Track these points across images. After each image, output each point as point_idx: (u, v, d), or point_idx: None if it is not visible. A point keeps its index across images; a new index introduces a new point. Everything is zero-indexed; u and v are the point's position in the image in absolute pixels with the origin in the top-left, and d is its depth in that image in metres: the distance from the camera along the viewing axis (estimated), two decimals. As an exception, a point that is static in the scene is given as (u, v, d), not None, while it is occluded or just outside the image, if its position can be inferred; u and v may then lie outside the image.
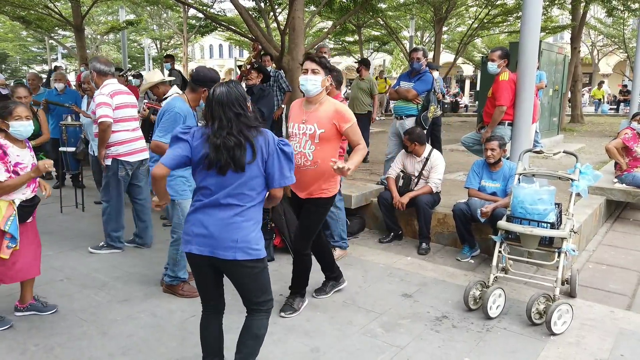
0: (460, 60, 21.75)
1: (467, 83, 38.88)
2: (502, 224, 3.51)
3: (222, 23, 12.77)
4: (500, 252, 3.60)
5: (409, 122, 5.40)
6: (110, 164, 4.45)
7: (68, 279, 3.97)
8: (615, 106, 22.57)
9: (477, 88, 21.64)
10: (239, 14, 8.06)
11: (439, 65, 13.52)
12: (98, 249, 4.63)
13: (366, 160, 7.83)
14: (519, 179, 3.82)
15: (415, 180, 4.90)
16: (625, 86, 22.02)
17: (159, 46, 31.52)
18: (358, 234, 5.24)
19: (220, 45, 48.16)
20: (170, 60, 9.17)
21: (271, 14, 9.97)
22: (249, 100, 2.39)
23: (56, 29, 18.26)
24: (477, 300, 3.46)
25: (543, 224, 3.37)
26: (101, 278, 4.01)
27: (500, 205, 4.15)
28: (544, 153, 4.09)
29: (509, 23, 17.53)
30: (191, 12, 21.13)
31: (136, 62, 32.12)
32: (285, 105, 6.97)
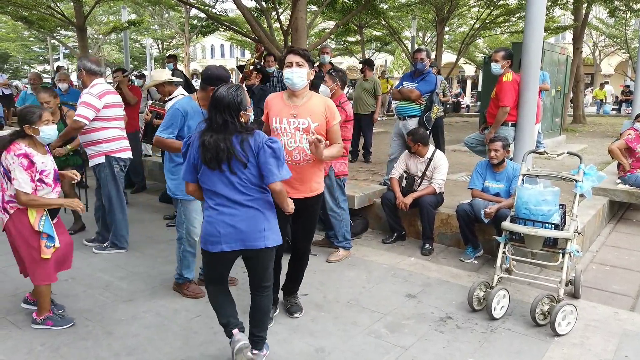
0: (461, 60, 21.72)
1: (469, 83, 38.90)
2: (506, 224, 3.51)
3: (224, 23, 12.81)
4: (504, 252, 3.60)
5: (412, 122, 5.40)
6: (103, 161, 4.48)
7: (73, 279, 3.97)
8: (617, 106, 22.53)
9: (479, 88, 21.63)
10: (241, 14, 8.09)
11: (440, 65, 13.53)
12: (102, 249, 4.63)
13: (369, 160, 7.85)
14: (522, 179, 3.82)
15: (419, 180, 4.90)
16: (627, 86, 21.97)
17: (160, 46, 31.61)
18: (361, 234, 5.25)
19: (222, 45, 48.22)
20: (172, 60, 9.19)
21: (273, 13, 10.00)
22: (249, 105, 2.48)
23: (58, 29, 18.31)
24: (481, 301, 3.47)
25: (547, 224, 3.37)
26: (106, 278, 4.02)
27: (503, 206, 4.15)
28: (547, 154, 4.04)
29: (510, 23, 17.54)
30: (193, 12, 21.15)
31: (138, 62, 32.23)
32: None
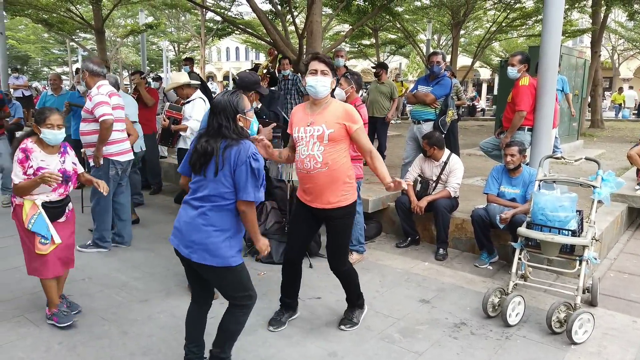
0: (477, 63, 21.56)
1: (484, 87, 38.59)
2: (522, 230, 3.47)
3: (239, 26, 12.90)
4: (519, 259, 3.56)
5: (426, 126, 5.37)
6: (102, 163, 4.54)
7: (90, 278, 4.04)
8: (637, 111, 22.15)
9: (495, 92, 21.44)
10: (256, 17, 8.14)
11: (455, 69, 13.44)
12: (85, 247, 4.69)
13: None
14: (539, 185, 3.77)
15: (433, 184, 4.87)
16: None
17: (176, 49, 31.95)
18: (375, 238, 5.24)
19: (237, 48, 48.58)
20: (189, 63, 9.26)
21: (288, 17, 10.05)
22: (248, 110, 2.50)
23: (77, 31, 18.67)
24: (496, 308, 3.43)
25: (564, 231, 3.33)
26: (122, 278, 4.07)
27: (519, 211, 4.10)
28: (564, 159, 3.97)
29: (527, 27, 17.35)
30: (209, 15, 21.39)
31: (154, 65, 32.62)
32: None
